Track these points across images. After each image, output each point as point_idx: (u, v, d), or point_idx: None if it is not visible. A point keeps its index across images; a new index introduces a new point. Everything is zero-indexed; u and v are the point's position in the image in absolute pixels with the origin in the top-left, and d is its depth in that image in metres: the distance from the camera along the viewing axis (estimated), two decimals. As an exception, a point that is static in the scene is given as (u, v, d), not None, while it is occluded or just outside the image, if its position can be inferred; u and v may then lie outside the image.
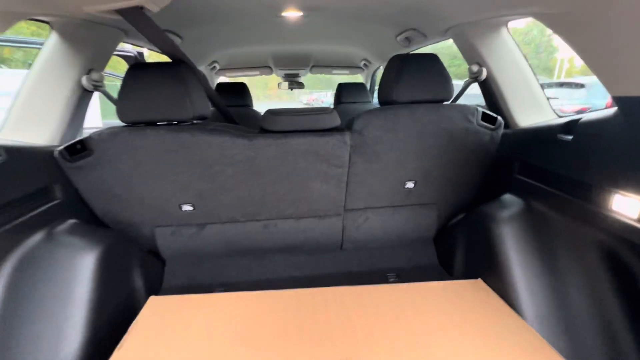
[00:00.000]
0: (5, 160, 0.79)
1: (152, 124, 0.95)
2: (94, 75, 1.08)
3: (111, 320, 0.89)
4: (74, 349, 0.79)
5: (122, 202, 1.06)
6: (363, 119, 1.03)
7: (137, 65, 0.92)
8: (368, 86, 2.72)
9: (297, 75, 2.89)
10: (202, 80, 1.09)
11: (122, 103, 0.92)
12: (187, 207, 1.11)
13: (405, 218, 1.27)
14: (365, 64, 2.52)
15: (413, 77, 1.05)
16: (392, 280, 1.24)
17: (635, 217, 0.71)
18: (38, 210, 0.88)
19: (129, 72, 0.92)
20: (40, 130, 0.99)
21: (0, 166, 0.77)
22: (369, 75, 2.75)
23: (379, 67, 2.53)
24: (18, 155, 0.83)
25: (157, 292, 1.20)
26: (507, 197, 1.08)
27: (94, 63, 1.08)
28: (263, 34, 1.74)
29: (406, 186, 1.17)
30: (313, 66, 2.63)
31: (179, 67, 0.94)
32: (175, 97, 0.92)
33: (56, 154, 0.95)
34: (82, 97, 1.09)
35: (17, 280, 0.80)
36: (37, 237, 0.87)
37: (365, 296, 0.97)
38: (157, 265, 1.23)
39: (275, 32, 1.71)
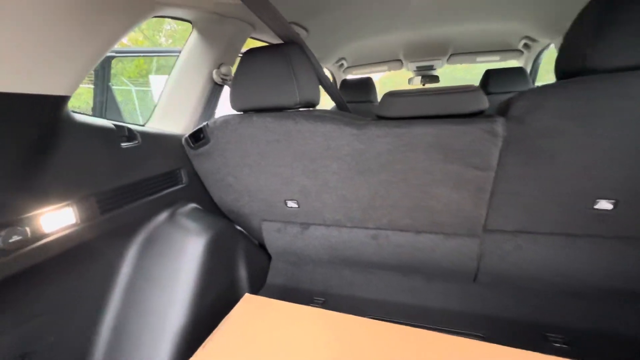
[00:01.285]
0: (141, 144, 0.87)
1: (260, 111, 0.90)
2: (223, 69, 1.13)
3: (212, 307, 0.89)
4: (176, 328, 0.80)
5: (233, 192, 1.07)
6: (527, 99, 0.70)
7: (249, 50, 0.88)
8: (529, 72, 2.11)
9: (431, 68, 2.53)
10: (314, 63, 0.99)
11: (234, 90, 0.90)
12: (292, 204, 1.03)
13: (590, 255, 0.83)
14: (526, 44, 1.95)
15: (628, 29, 0.63)
16: (556, 344, 0.83)
17: None
18: (167, 190, 0.96)
19: (242, 58, 0.90)
20: (178, 121, 1.09)
21: (136, 148, 0.85)
22: (531, 60, 2.14)
23: (548, 46, 1.92)
24: (151, 141, 0.91)
25: (261, 286, 1.18)
26: None
27: (224, 57, 1.14)
28: (394, 19, 1.54)
29: (597, 206, 0.75)
30: (452, 55, 2.24)
31: (287, 47, 0.85)
32: (281, 79, 0.83)
33: (183, 141, 1.02)
34: (213, 90, 1.15)
35: (142, 252, 0.88)
36: (163, 216, 0.94)
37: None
38: (263, 260, 1.21)
39: (408, 16, 1.48)
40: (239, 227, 1.17)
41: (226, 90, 1.25)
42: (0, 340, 0.61)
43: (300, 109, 0.89)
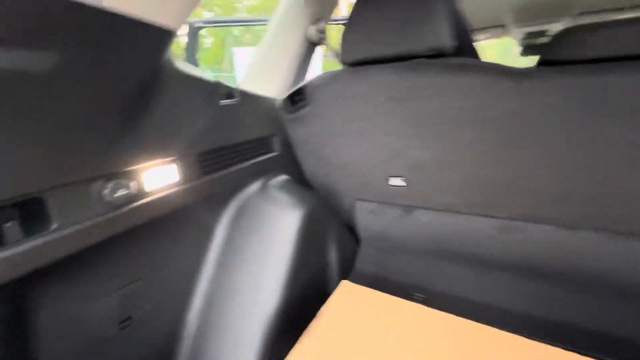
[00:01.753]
0: (239, 103, 0.78)
1: (377, 63, 0.74)
2: (320, 25, 0.99)
3: (304, 289, 0.79)
4: (267, 308, 0.72)
5: (328, 164, 0.94)
6: None
7: None
8: None
9: (543, 34, 2.10)
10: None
11: (346, 39, 0.75)
12: (396, 181, 0.87)
13: None
14: None
15: None
16: None
17: None
18: (259, 158, 0.87)
19: (356, 3, 0.74)
20: (271, 84, 0.99)
21: (234, 107, 0.76)
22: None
23: None
24: (248, 101, 0.82)
25: (348, 273, 1.05)
26: None
27: (321, 12, 1.00)
28: None
29: None
30: (581, 13, 1.80)
31: None
32: (408, 18, 0.66)
33: (279, 104, 0.91)
34: (308, 51, 1.03)
35: (234, 223, 0.80)
36: (255, 186, 0.85)
37: None
38: (351, 244, 1.08)
39: None
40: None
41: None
42: (103, 302, 0.57)
43: (433, 58, 0.70)
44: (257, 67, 1.00)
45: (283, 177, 0.93)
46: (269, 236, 0.79)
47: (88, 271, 0.54)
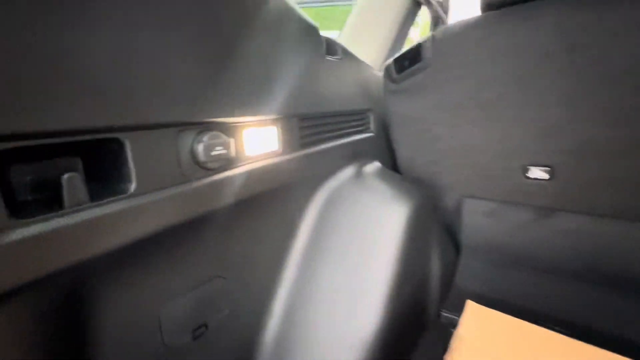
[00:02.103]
0: (342, 60, 0.62)
1: None
2: None
3: (405, 308, 0.60)
4: (367, 326, 0.55)
5: (435, 149, 0.75)
6: None
7: None
8: None
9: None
10: None
11: None
12: (537, 172, 0.65)
13: None
14: None
15: None
16: None
17: None
18: (353, 138, 0.70)
19: None
20: (367, 49, 0.82)
21: (337, 65, 0.61)
22: None
23: None
24: (351, 63, 0.66)
25: (446, 291, 0.84)
26: None
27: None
28: None
29: None
30: None
31: None
32: None
33: (381, 72, 0.74)
34: (411, 13, 0.85)
35: (323, 213, 0.64)
36: (347, 171, 0.69)
37: None
38: (450, 252, 0.87)
39: None
40: None
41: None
42: (177, 302, 0.42)
43: None
44: (351, 30, 0.83)
45: (377, 165, 0.76)
46: (367, 236, 0.62)
47: (161, 260, 0.40)
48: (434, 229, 0.77)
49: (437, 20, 0.91)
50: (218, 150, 0.36)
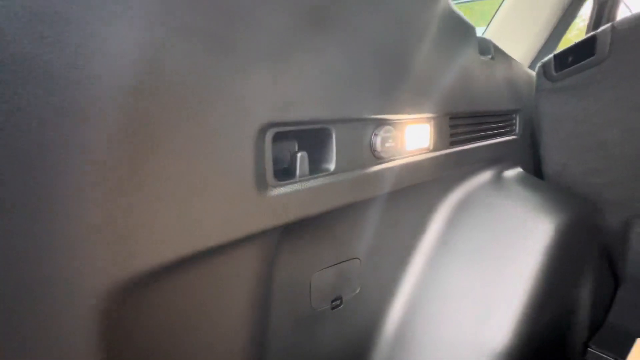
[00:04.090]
0: (494, 60, 0.60)
1: None
2: None
3: (549, 328, 0.54)
4: (494, 344, 0.51)
5: (598, 158, 0.64)
6: None
7: None
8: None
9: None
10: None
11: None
12: None
13: None
14: None
15: None
16: None
17: None
18: (498, 139, 0.66)
19: None
20: (516, 46, 0.76)
21: (489, 65, 0.59)
22: None
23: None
24: (504, 61, 0.62)
25: (600, 324, 0.71)
26: None
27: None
28: None
29: None
30: None
31: None
32: None
33: (537, 68, 0.67)
34: (574, 5, 0.75)
35: (455, 214, 0.63)
36: (486, 175, 0.65)
37: None
38: (608, 282, 0.73)
39: None
40: None
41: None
42: (322, 274, 0.49)
43: None
44: (499, 25, 0.79)
45: (520, 171, 0.69)
46: (506, 245, 0.58)
47: (319, 235, 0.46)
48: (590, 252, 0.66)
49: (600, 17, 0.78)
50: (390, 143, 0.40)
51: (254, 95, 0.28)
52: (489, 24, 0.79)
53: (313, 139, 0.36)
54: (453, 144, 0.54)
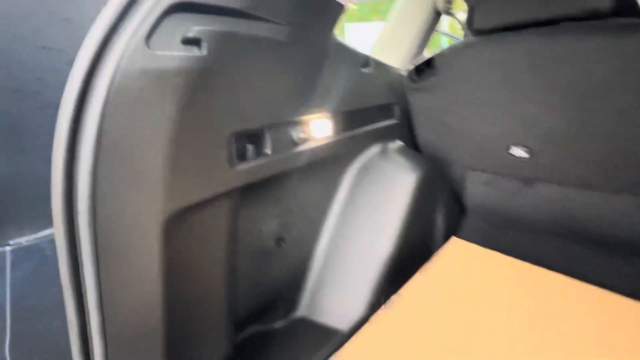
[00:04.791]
0: (373, 71, 0.87)
1: (518, 28, 0.74)
2: None
3: (411, 243, 0.87)
4: (382, 252, 0.83)
5: (446, 133, 0.98)
6: None
7: None
8: None
9: None
10: None
11: (477, 8, 0.77)
12: (518, 151, 0.86)
13: None
14: None
15: None
16: None
17: None
18: (380, 124, 0.96)
19: None
20: (397, 53, 1.05)
21: (369, 75, 0.86)
22: None
23: None
24: (379, 70, 0.90)
25: None
26: None
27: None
28: None
29: None
30: None
31: None
32: None
33: (404, 73, 0.98)
34: (433, 19, 1.06)
35: (357, 179, 0.92)
36: (375, 148, 0.95)
37: None
38: (456, 215, 1.11)
39: None
40: None
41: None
42: (270, 222, 0.75)
43: (584, 20, 0.67)
44: (386, 37, 1.07)
45: (400, 143, 1.01)
46: (386, 192, 0.89)
47: (267, 196, 0.72)
48: (442, 193, 1.02)
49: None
50: (304, 134, 0.66)
51: (225, 113, 0.51)
52: (378, 39, 1.08)
53: (257, 136, 0.60)
54: (347, 129, 0.82)
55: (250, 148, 0.58)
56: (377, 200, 0.90)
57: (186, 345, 0.57)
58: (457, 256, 0.80)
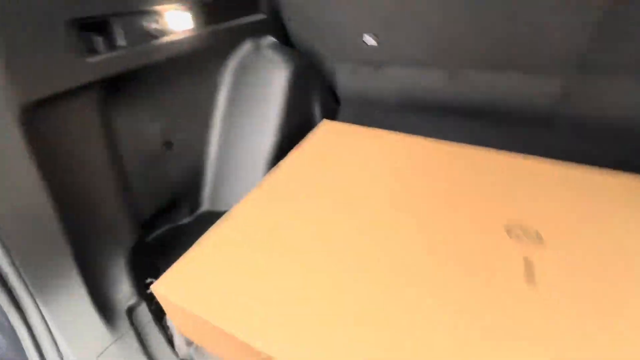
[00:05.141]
0: None
1: None
2: None
3: (292, 132, 1.01)
4: (267, 144, 0.96)
5: (311, 27, 1.06)
6: None
7: None
8: None
9: None
10: None
11: None
12: (369, 39, 1.01)
13: None
14: None
15: None
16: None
17: None
18: (247, 20, 0.98)
19: None
20: None
21: None
22: None
23: None
24: None
25: None
26: None
27: None
28: None
29: None
30: None
31: None
32: None
33: None
34: None
35: (234, 77, 0.97)
36: (247, 46, 0.99)
37: (571, 178, 0.69)
38: (332, 104, 1.28)
39: None
40: None
41: None
42: (154, 125, 0.78)
43: None
44: None
45: (271, 39, 1.05)
46: (264, 87, 0.97)
47: (143, 97, 0.73)
48: (316, 85, 1.14)
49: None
50: (160, 25, 0.65)
51: None
52: None
53: (105, 26, 0.58)
54: (210, 23, 0.82)
55: (99, 40, 0.56)
56: (256, 96, 0.98)
57: (90, 242, 0.63)
58: (327, 134, 0.97)
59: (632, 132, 0.84)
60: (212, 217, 0.99)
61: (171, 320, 0.59)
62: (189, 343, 0.60)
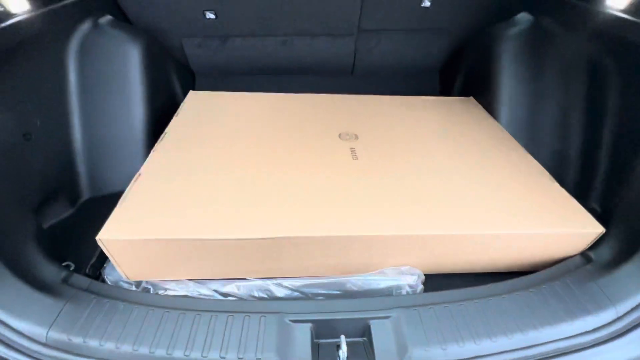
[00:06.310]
0: None
1: None
2: None
3: (158, 104, 1.08)
4: (139, 120, 1.02)
5: (152, 5, 1.11)
6: None
7: None
8: None
9: None
10: None
11: None
12: (210, 15, 1.16)
13: (416, 44, 1.32)
14: None
15: None
16: None
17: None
18: None
19: None
20: None
21: None
22: None
23: None
24: None
25: None
26: (522, 15, 1.10)
27: None
28: None
29: (423, 4, 1.17)
30: None
31: None
32: None
33: None
34: None
35: (80, 62, 0.95)
36: (86, 25, 0.97)
37: (370, 103, 1.15)
38: (188, 77, 1.38)
39: None
40: None
41: None
42: (8, 115, 0.74)
43: None
44: None
45: (110, 17, 1.05)
46: (117, 65, 1.00)
47: None
48: (168, 58, 1.23)
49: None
50: None
51: None
52: None
53: None
54: (44, 4, 0.81)
55: None
56: (111, 75, 0.99)
57: None
58: (198, 102, 1.10)
59: (398, 70, 1.40)
60: (97, 203, 0.99)
61: (117, 267, 0.67)
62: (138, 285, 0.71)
